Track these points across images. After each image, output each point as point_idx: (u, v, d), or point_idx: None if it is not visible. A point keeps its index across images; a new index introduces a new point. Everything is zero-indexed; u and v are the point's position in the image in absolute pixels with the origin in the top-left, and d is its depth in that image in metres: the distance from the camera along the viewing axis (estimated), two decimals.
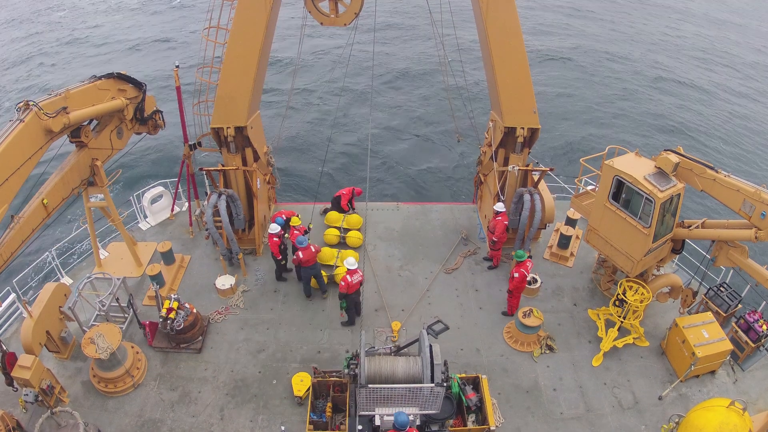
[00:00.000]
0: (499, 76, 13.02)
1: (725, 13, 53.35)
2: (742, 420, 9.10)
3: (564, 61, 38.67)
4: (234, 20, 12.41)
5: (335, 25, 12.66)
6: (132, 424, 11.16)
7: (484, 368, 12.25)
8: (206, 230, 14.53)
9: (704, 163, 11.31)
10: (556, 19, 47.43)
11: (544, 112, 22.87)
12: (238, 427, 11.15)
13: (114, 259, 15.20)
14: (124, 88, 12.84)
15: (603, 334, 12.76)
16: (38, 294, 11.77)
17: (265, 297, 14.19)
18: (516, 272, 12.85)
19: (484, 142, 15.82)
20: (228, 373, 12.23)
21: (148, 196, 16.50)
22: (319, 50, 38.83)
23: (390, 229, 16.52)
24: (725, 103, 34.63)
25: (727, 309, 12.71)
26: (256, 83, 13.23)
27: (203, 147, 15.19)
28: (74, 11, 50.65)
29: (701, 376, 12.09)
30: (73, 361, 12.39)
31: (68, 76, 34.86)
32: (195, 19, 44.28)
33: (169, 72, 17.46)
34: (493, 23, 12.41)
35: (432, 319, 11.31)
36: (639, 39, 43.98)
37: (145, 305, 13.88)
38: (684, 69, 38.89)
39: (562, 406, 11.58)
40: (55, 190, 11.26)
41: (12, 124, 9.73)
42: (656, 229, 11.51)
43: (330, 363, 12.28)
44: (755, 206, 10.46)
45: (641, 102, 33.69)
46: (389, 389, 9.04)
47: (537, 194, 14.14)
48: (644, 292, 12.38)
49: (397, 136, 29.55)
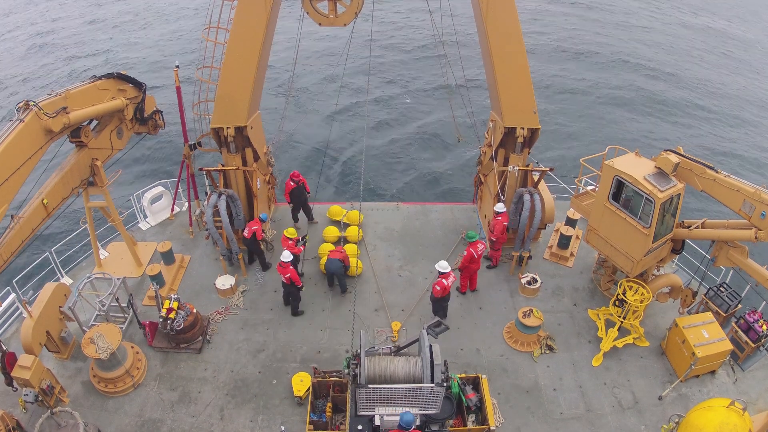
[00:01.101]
0: (499, 76, 13.03)
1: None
2: (742, 420, 9.10)
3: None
4: (234, 20, 12.40)
5: (334, 25, 12.57)
6: (132, 424, 11.16)
7: (484, 368, 12.25)
8: (206, 230, 14.53)
9: (704, 163, 11.32)
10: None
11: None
12: (238, 427, 11.15)
13: (114, 259, 15.20)
14: (124, 88, 12.84)
15: (603, 334, 12.76)
16: (38, 294, 11.77)
17: (265, 297, 14.19)
18: (466, 251, 13.35)
19: (484, 142, 15.83)
20: (228, 373, 12.23)
21: (148, 196, 16.51)
22: (321, 50, 38.84)
23: (390, 229, 16.52)
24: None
25: (727, 309, 12.71)
26: (256, 83, 13.23)
27: (203, 147, 15.21)
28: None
29: (701, 376, 12.09)
30: (73, 361, 12.39)
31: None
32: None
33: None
34: (493, 24, 12.41)
35: (432, 319, 11.31)
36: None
37: (145, 305, 13.88)
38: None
39: (562, 406, 11.58)
40: (55, 190, 11.26)
41: (12, 124, 9.73)
42: (656, 229, 11.51)
43: (330, 363, 12.27)
44: (755, 206, 10.46)
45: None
46: (389, 389, 9.04)
47: (537, 194, 14.14)
48: (644, 292, 12.38)
49: (398, 136, 29.55)
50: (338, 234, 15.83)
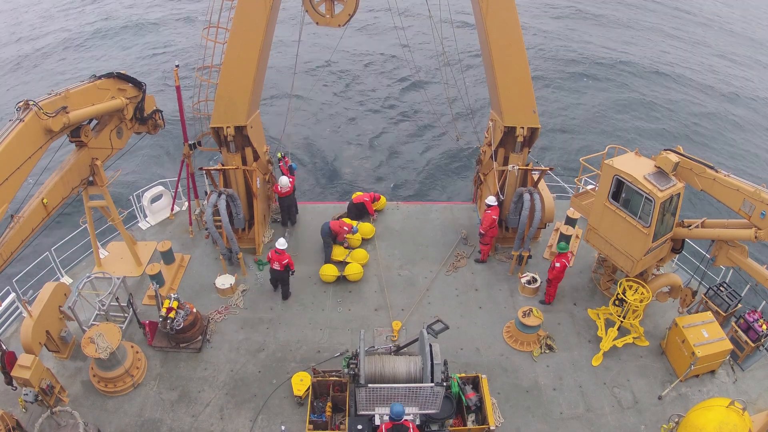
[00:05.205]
0: (499, 76, 13.02)
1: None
2: (741, 420, 9.10)
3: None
4: (234, 20, 12.41)
5: (330, 25, 12.69)
6: (132, 424, 11.16)
7: (483, 368, 12.24)
8: (206, 230, 14.53)
9: (704, 162, 11.31)
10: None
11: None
12: (238, 426, 11.15)
13: (114, 259, 15.19)
14: (123, 88, 12.83)
15: (603, 333, 12.76)
16: (38, 293, 11.76)
17: (265, 296, 14.19)
18: (557, 262, 13.13)
19: (484, 141, 15.83)
20: (228, 372, 12.23)
21: (147, 195, 16.49)
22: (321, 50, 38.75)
23: (390, 229, 16.52)
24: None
25: (726, 309, 12.71)
26: (256, 83, 13.23)
27: (203, 147, 15.21)
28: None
29: (701, 376, 12.09)
30: (73, 361, 12.39)
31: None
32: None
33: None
34: (493, 24, 12.41)
35: (432, 318, 11.32)
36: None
37: (144, 305, 13.88)
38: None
39: (562, 406, 11.58)
40: (55, 189, 11.25)
41: (12, 123, 9.72)
42: (656, 228, 11.50)
43: (330, 363, 12.27)
44: (755, 206, 10.46)
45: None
46: (389, 389, 9.05)
47: (537, 194, 14.14)
48: (644, 292, 12.38)
49: (397, 136, 29.53)
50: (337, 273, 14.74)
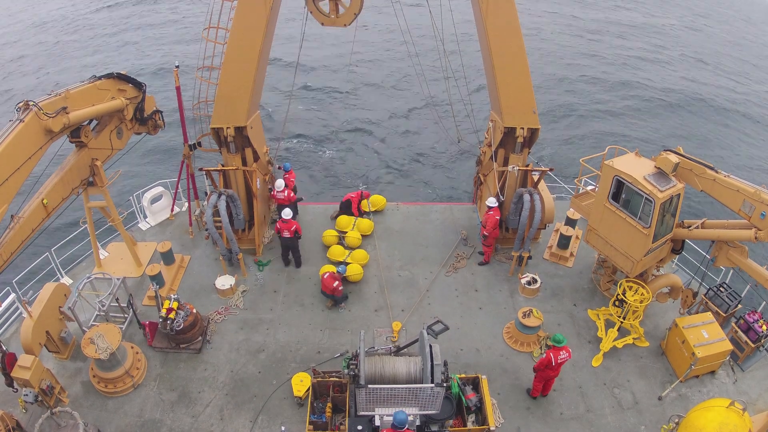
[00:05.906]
0: (499, 76, 13.03)
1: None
2: (741, 420, 9.09)
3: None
4: (234, 20, 12.40)
5: (335, 25, 12.64)
6: (132, 425, 11.15)
7: (483, 368, 12.24)
8: (206, 230, 14.53)
9: (704, 163, 11.32)
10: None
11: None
12: (238, 427, 11.15)
13: (114, 259, 15.19)
14: (123, 88, 12.83)
15: (603, 334, 12.76)
16: (38, 294, 11.76)
17: (265, 297, 14.19)
18: (545, 353, 10.78)
19: (484, 142, 15.83)
20: (228, 373, 12.22)
21: (148, 196, 16.50)
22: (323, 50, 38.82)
23: (390, 229, 16.52)
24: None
25: (726, 309, 12.71)
26: (256, 83, 13.23)
27: (203, 147, 15.20)
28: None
29: (701, 377, 12.09)
30: (73, 361, 12.38)
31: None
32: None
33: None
34: (493, 23, 12.41)
35: (432, 319, 11.31)
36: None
37: (144, 305, 13.88)
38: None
39: (562, 406, 11.58)
40: (55, 190, 11.25)
41: (12, 124, 9.72)
42: (656, 229, 11.50)
43: (330, 363, 12.27)
44: (755, 206, 10.46)
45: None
46: (389, 389, 9.04)
47: (537, 194, 14.14)
48: (644, 293, 12.38)
49: (397, 136, 29.56)
50: (336, 234, 15.76)
